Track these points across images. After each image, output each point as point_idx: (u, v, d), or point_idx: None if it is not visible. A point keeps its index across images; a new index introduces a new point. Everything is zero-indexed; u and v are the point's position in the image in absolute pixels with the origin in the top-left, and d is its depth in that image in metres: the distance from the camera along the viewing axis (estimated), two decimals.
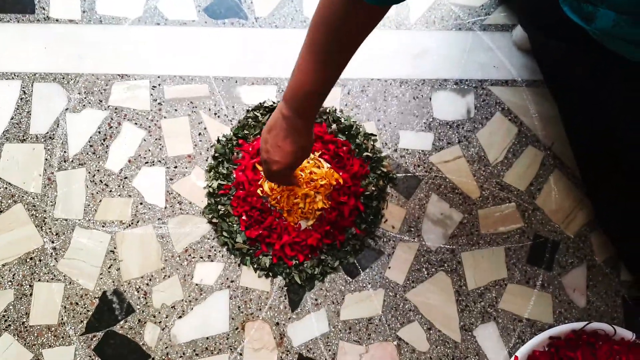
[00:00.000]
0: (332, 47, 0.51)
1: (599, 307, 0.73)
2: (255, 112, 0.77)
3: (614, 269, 0.74)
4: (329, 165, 0.74)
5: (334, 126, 0.76)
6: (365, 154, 0.75)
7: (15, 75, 0.79)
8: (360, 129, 0.77)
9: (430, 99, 0.79)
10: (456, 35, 0.82)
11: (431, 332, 0.71)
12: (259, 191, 0.73)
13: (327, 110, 0.77)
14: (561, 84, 0.72)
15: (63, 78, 0.79)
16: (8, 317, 0.71)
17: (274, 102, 0.78)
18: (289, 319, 0.71)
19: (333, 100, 0.78)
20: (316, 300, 0.72)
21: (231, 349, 0.70)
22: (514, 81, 0.80)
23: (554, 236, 0.75)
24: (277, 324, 0.71)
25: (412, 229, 0.75)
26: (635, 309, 0.72)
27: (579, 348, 0.67)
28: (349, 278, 0.73)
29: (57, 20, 0.81)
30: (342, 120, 0.77)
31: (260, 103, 0.78)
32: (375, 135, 0.77)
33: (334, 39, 0.50)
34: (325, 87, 0.54)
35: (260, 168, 0.74)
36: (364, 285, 0.73)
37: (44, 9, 0.82)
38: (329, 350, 0.70)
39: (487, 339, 0.71)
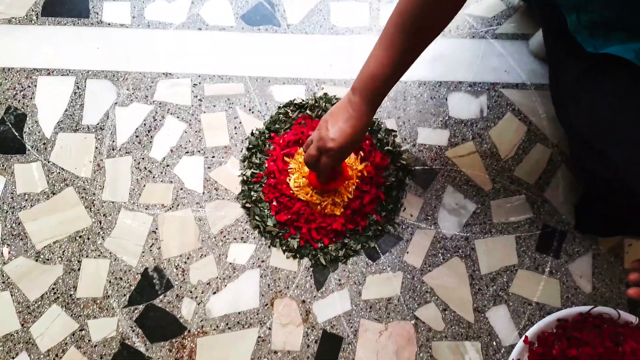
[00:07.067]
0: (408, 36, 0.53)
1: (604, 293, 0.77)
2: (286, 109, 0.84)
3: (617, 258, 0.78)
4: (355, 157, 0.81)
5: None
6: (386, 147, 0.82)
7: (70, 72, 0.87)
8: (382, 126, 0.84)
9: (447, 99, 0.86)
10: (470, 42, 0.89)
11: (446, 312, 0.76)
12: (287, 180, 0.79)
13: None
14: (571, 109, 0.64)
15: (113, 75, 0.87)
16: (57, 290, 0.77)
17: (302, 100, 0.85)
18: (314, 297, 0.77)
19: None
20: (339, 280, 0.77)
21: (261, 324, 0.75)
22: (523, 84, 0.87)
23: (561, 226, 0.80)
24: (303, 301, 0.76)
25: (429, 217, 0.80)
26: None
27: (585, 329, 0.70)
28: (370, 261, 0.78)
29: (109, 24, 0.90)
30: None
31: (290, 100, 0.85)
32: (396, 131, 0.84)
33: (412, 26, 0.53)
34: (393, 74, 0.56)
35: (288, 160, 0.80)
36: (384, 267, 0.78)
37: (97, 13, 0.91)
38: (351, 327, 0.75)
39: (498, 320, 0.76)
